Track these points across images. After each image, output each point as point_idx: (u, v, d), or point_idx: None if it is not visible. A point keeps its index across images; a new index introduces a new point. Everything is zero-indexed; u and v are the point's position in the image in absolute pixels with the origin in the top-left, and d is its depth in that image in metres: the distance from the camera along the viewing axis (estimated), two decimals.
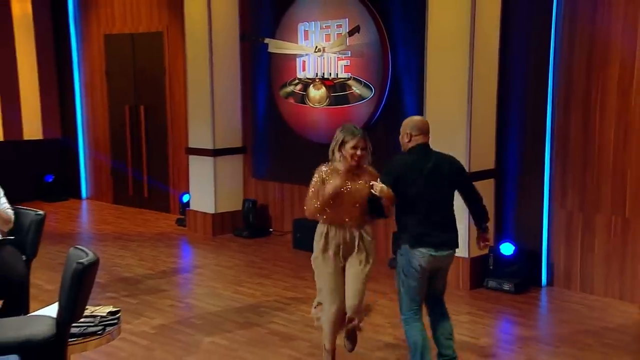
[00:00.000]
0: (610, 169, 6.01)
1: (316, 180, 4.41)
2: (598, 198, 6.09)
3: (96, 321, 3.93)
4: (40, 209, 5.07)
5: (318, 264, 4.50)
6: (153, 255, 7.73)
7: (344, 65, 7.54)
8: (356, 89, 7.45)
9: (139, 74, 9.93)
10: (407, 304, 4.38)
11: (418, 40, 6.70)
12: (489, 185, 6.50)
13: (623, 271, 6.01)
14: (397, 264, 4.46)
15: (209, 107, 8.42)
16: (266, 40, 8.21)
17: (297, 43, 7.93)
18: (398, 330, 4.55)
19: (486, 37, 6.27)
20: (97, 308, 4.12)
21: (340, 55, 7.56)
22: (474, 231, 6.29)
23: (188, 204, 8.92)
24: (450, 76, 6.27)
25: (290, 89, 8.07)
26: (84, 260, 3.58)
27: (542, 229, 6.41)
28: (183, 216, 9.03)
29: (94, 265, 3.66)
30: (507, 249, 6.37)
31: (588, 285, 6.23)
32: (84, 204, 10.75)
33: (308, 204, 4.44)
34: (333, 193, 4.31)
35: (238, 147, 8.71)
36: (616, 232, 6.02)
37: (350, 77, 7.49)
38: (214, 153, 8.48)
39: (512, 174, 6.57)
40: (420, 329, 4.36)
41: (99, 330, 3.88)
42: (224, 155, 8.57)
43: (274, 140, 8.48)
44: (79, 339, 3.79)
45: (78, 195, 10.98)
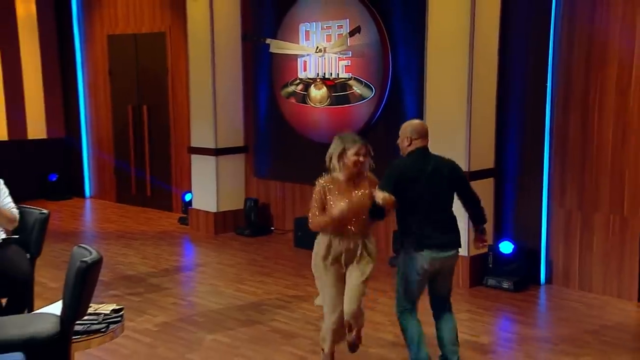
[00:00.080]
0: (608, 168, 6.01)
1: (319, 194, 4.33)
2: (596, 197, 6.10)
3: (100, 319, 3.94)
4: (44, 208, 5.08)
5: (319, 272, 4.43)
6: (156, 253, 7.74)
7: (345, 66, 7.54)
8: (357, 89, 7.46)
9: (142, 74, 9.94)
10: (404, 302, 4.43)
11: (418, 40, 6.70)
12: (488, 184, 6.51)
13: (621, 269, 6.01)
14: (399, 265, 4.47)
15: (211, 107, 8.42)
16: (268, 40, 8.21)
17: (299, 43, 7.93)
18: (398, 328, 4.55)
19: (486, 38, 6.27)
20: (101, 306, 4.12)
21: (341, 56, 7.56)
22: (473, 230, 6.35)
23: (190, 202, 8.92)
24: (450, 76, 6.28)
25: (291, 88, 8.07)
26: (88, 258, 3.59)
27: (541, 228, 6.41)
28: (185, 215, 9.04)
29: (97, 264, 3.67)
30: (507, 247, 6.38)
31: (586, 283, 6.23)
32: (88, 203, 10.77)
33: (313, 219, 4.35)
34: (340, 216, 4.24)
35: (240, 147, 8.72)
36: (614, 231, 6.02)
37: (351, 77, 7.49)
38: (216, 152, 8.48)
39: (512, 174, 6.57)
40: (415, 322, 4.41)
41: (102, 328, 3.88)
42: (226, 155, 8.58)
43: (276, 139, 8.48)
44: (83, 336, 3.80)
45: (82, 194, 11.00)
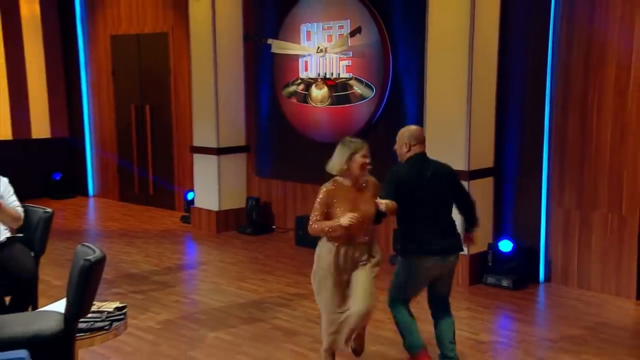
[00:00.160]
0: (607, 168, 6.00)
1: (323, 200, 4.21)
2: (595, 196, 6.09)
3: (103, 317, 3.95)
4: (48, 207, 5.09)
5: (320, 281, 4.29)
6: (158, 251, 7.74)
7: (346, 66, 7.54)
8: (357, 88, 7.45)
9: (145, 74, 9.94)
10: (397, 297, 4.48)
11: (418, 41, 6.70)
12: (488, 183, 6.51)
13: (619, 268, 6.01)
14: (398, 266, 4.47)
15: (213, 107, 8.42)
16: (269, 40, 8.21)
17: (300, 44, 7.93)
18: None
19: (485, 39, 6.27)
20: (104, 304, 4.13)
21: (342, 56, 7.56)
22: None
23: (193, 201, 8.92)
24: (450, 77, 6.27)
25: (292, 88, 8.07)
26: (91, 257, 3.60)
27: (540, 227, 6.41)
28: (188, 213, 9.04)
29: (100, 262, 3.67)
30: (506, 246, 6.37)
31: (585, 281, 6.23)
32: (91, 202, 10.77)
33: (314, 225, 4.20)
34: (350, 225, 4.06)
35: (242, 146, 8.72)
36: (613, 230, 6.02)
37: (352, 77, 7.49)
38: (218, 152, 8.48)
39: (511, 173, 6.57)
40: (408, 312, 4.47)
41: (105, 326, 3.89)
42: (228, 154, 8.58)
43: (277, 139, 8.48)
44: (87, 334, 3.80)
45: (85, 192, 11.00)
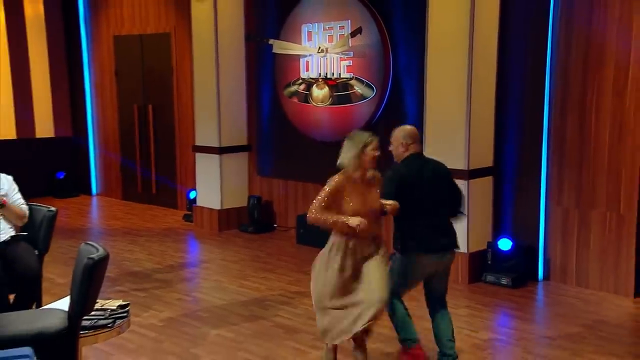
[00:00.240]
0: (605, 167, 6.00)
1: (334, 189, 4.03)
2: (593, 195, 6.09)
3: (106, 314, 3.95)
4: (52, 205, 5.11)
5: (321, 274, 4.10)
6: (161, 250, 7.74)
7: (347, 66, 7.53)
8: (358, 88, 7.45)
9: (147, 74, 9.94)
10: (392, 293, 4.42)
11: (418, 41, 6.69)
12: (487, 182, 6.51)
13: (617, 266, 6.01)
14: (395, 262, 4.46)
15: (215, 106, 8.42)
16: (271, 41, 8.20)
17: (301, 44, 7.93)
18: None
19: (485, 39, 6.26)
20: (107, 301, 4.13)
21: (342, 56, 7.56)
22: (473, 227, 6.37)
23: (195, 200, 8.93)
24: (450, 77, 6.27)
25: (294, 88, 8.07)
26: (95, 255, 3.59)
27: (539, 225, 6.41)
28: (190, 212, 9.04)
29: (104, 261, 3.67)
30: (505, 244, 6.37)
31: (583, 279, 6.23)
32: (94, 200, 10.78)
33: (316, 213, 4.00)
34: (356, 228, 3.93)
35: (243, 145, 8.72)
36: (611, 228, 6.02)
37: (353, 77, 7.49)
38: (220, 151, 8.48)
39: (510, 172, 6.57)
40: (403, 306, 4.46)
41: (109, 323, 3.89)
42: (230, 153, 8.58)
43: (278, 138, 8.48)
44: (90, 331, 3.81)
45: (88, 191, 11.01)
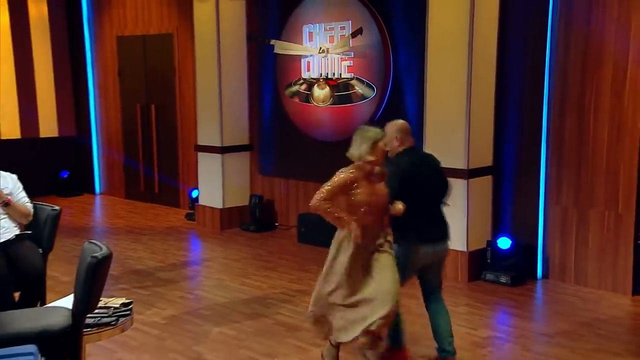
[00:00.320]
0: (603, 166, 5.99)
1: (345, 181, 3.93)
2: (592, 194, 6.09)
3: (110, 312, 3.94)
4: (56, 204, 5.10)
5: (334, 264, 4.04)
6: (164, 248, 7.75)
7: (347, 66, 7.53)
8: (359, 88, 7.45)
9: (150, 74, 9.94)
10: None
11: (419, 41, 6.69)
12: (487, 182, 6.50)
13: (616, 264, 6.01)
14: (395, 255, 4.45)
15: (217, 106, 8.42)
16: (272, 41, 8.20)
17: (302, 44, 7.93)
18: None
19: (485, 39, 6.26)
20: (111, 299, 4.13)
21: (343, 56, 7.56)
22: (472, 226, 6.36)
23: (197, 199, 8.93)
24: (450, 76, 6.26)
25: (295, 88, 8.07)
26: (98, 254, 3.59)
27: (538, 224, 6.41)
28: (192, 211, 9.05)
29: (107, 259, 3.67)
30: (504, 243, 6.37)
31: (582, 278, 6.22)
32: (98, 199, 10.78)
33: (326, 205, 3.92)
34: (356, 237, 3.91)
35: (245, 145, 8.72)
36: (609, 227, 6.01)
37: (353, 77, 7.49)
38: (222, 150, 8.48)
39: (509, 172, 6.56)
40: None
41: (112, 321, 3.89)
42: (232, 153, 8.58)
43: (280, 138, 8.48)
44: (94, 329, 3.80)
45: (92, 190, 11.01)
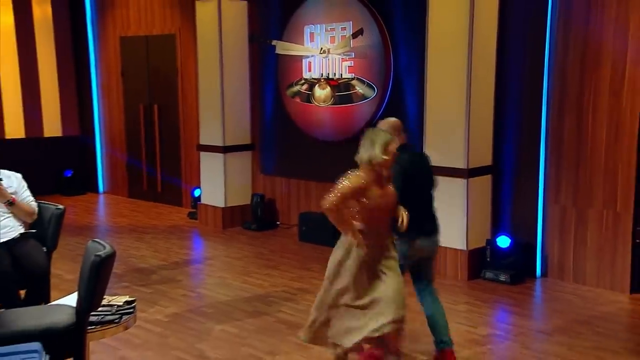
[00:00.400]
0: (602, 166, 5.99)
1: (359, 187, 3.80)
2: (590, 194, 6.09)
3: (113, 310, 3.95)
4: (60, 203, 5.11)
5: (344, 266, 3.93)
6: (166, 247, 7.75)
7: (348, 66, 7.54)
8: (359, 88, 7.45)
9: (153, 74, 9.94)
10: None
11: (419, 42, 6.69)
12: (486, 181, 6.50)
13: (614, 263, 6.01)
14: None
15: (219, 106, 8.43)
16: (274, 42, 8.21)
17: (303, 45, 7.93)
18: None
19: (484, 39, 6.26)
20: (114, 297, 4.14)
21: (344, 57, 7.56)
22: (472, 224, 6.37)
23: (199, 198, 8.93)
24: (450, 77, 6.27)
25: (296, 88, 8.08)
26: (102, 252, 3.60)
27: (537, 223, 6.41)
28: (195, 210, 9.05)
29: (110, 258, 3.68)
30: (504, 241, 6.37)
31: (581, 276, 6.23)
32: (101, 198, 10.79)
33: (333, 205, 3.78)
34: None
35: (247, 144, 8.72)
36: (607, 226, 6.02)
37: (354, 77, 7.49)
38: (224, 150, 8.49)
39: (509, 171, 6.56)
40: None
41: (116, 319, 3.89)
42: (234, 152, 8.58)
43: (281, 137, 8.49)
44: (97, 326, 3.81)
45: (95, 189, 11.03)
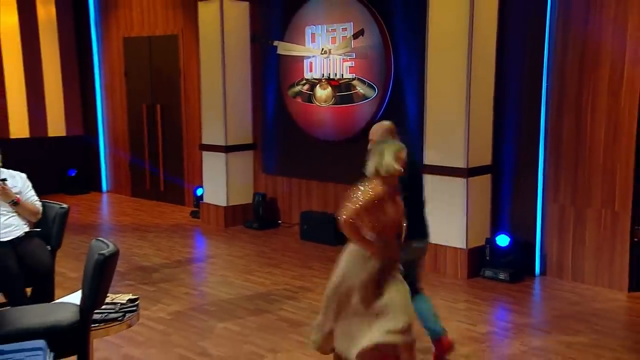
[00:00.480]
0: (600, 165, 6.00)
1: (373, 197, 3.66)
2: (589, 193, 6.09)
3: (117, 308, 3.96)
4: (64, 202, 5.12)
5: (357, 267, 3.75)
6: (169, 245, 7.76)
7: (349, 67, 7.54)
8: (360, 88, 7.46)
9: (156, 75, 9.95)
10: None
11: (419, 42, 6.70)
12: (486, 180, 6.51)
13: (612, 261, 6.01)
14: None
15: (221, 106, 8.43)
16: (275, 42, 8.21)
17: (305, 45, 7.93)
18: None
19: (484, 39, 6.26)
20: (118, 296, 4.15)
21: (345, 57, 7.56)
22: (471, 223, 6.37)
23: (202, 197, 8.94)
24: (450, 77, 6.27)
25: (298, 88, 8.08)
26: (105, 251, 3.60)
27: (536, 222, 6.41)
28: (197, 209, 9.06)
29: (114, 256, 3.68)
30: (503, 240, 6.37)
31: (579, 274, 6.23)
32: (105, 197, 10.80)
33: (350, 218, 3.64)
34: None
35: (249, 144, 8.73)
36: (606, 225, 6.02)
37: (355, 78, 7.49)
38: (226, 149, 8.49)
39: (508, 171, 6.56)
40: None
41: (119, 317, 3.90)
42: (236, 152, 8.59)
43: (283, 137, 8.49)
44: (101, 324, 3.82)
45: (99, 188, 11.04)
